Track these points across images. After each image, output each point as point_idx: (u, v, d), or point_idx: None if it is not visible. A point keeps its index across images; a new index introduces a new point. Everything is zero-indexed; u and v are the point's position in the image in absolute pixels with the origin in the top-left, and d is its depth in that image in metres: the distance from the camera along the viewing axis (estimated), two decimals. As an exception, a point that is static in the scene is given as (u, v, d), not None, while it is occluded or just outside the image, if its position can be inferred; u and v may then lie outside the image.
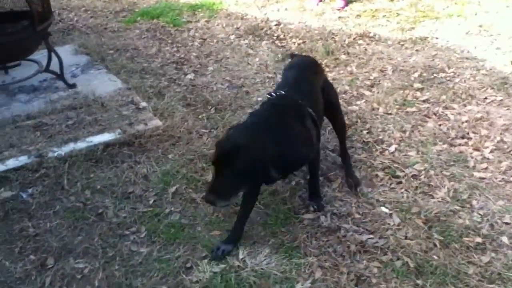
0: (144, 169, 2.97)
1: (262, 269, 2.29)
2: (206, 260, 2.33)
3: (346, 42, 4.91)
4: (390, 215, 2.64)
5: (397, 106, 3.68)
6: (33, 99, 3.70)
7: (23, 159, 2.98)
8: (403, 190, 2.83)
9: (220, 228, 2.54)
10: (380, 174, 2.97)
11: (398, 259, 2.36)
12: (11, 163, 2.95)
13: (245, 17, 5.76)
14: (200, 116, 3.60)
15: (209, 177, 2.94)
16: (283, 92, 2.51)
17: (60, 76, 3.84)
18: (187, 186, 2.85)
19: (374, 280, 2.25)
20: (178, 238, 2.47)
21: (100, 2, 6.46)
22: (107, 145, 3.16)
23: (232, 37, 5.17)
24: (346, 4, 5.91)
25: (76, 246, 2.41)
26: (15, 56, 3.75)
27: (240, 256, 2.35)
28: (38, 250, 2.39)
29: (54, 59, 3.80)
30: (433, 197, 2.76)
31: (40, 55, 3.99)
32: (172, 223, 2.56)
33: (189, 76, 4.25)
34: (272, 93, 2.55)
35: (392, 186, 2.87)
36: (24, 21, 3.71)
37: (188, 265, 2.31)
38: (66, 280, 2.22)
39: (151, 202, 2.71)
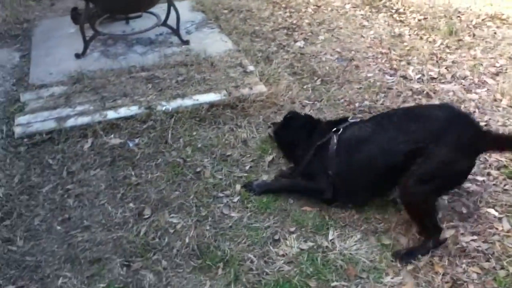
0: (244, 134, 2.98)
1: (350, 253, 2.21)
2: (294, 235, 2.30)
3: (473, 22, 4.47)
4: (500, 219, 2.40)
5: (524, 100, 3.30)
6: (148, 52, 3.86)
7: (134, 109, 3.13)
8: (518, 194, 2.55)
9: (312, 205, 2.48)
10: (494, 172, 2.70)
11: (502, 268, 2.15)
12: (123, 111, 3.11)
13: (364, -14, 5.46)
14: (305, 87, 3.52)
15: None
16: None
17: (176, 31, 3.95)
18: (283, 157, 2.81)
19: (471, 287, 2.08)
20: (269, 208, 2.46)
21: (219, -39, 6.49)
22: (211, 105, 3.21)
23: (347, 6, 4.94)
24: (480, -21, 5.35)
25: (172, 201, 2.50)
26: (139, 6, 3.91)
27: (330, 237, 2.29)
28: (137, 199, 2.52)
29: (172, 14, 3.91)
30: (553, 207, 2.46)
31: (159, 9, 4.12)
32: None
33: (298, 44, 4.15)
34: None
35: (506, 187, 2.60)
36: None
37: (276, 237, 2.30)
38: (159, 232, 2.32)
39: (247, 167, 2.73)
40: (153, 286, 2.08)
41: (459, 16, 4.61)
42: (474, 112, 3.20)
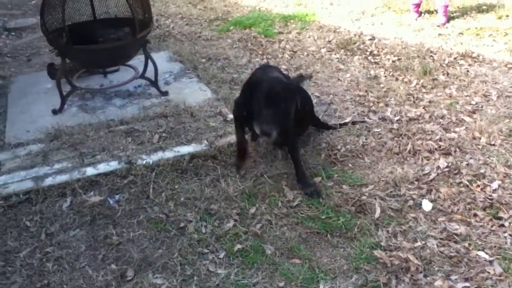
0: (227, 186, 2.93)
1: (342, 307, 2.14)
2: (284, 291, 2.23)
3: (446, 61, 4.60)
4: (491, 262, 2.37)
5: (502, 137, 3.35)
6: (127, 105, 3.83)
7: (113, 164, 3.07)
8: (506, 234, 2.54)
9: (301, 257, 2.42)
10: (480, 213, 2.69)
11: (498, 315, 2.11)
12: (102, 167, 3.05)
13: (337, 30, 5.62)
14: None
15: (291, 196, 2.86)
16: None
17: (154, 83, 3.95)
18: (268, 207, 2.77)
19: (468, 335, 2.02)
20: (257, 263, 2.39)
21: (196, 10, 6.64)
22: (193, 156, 3.17)
23: (323, 50, 5.05)
24: (448, 21, 5.56)
25: (156, 260, 2.41)
26: (115, 61, 3.92)
27: (320, 290, 2.23)
28: (119, 259, 2.43)
29: (150, 65, 3.92)
30: (542, 246, 2.44)
31: (137, 60, 4.14)
32: (251, 246, 2.49)
33: (277, 90, 4.18)
34: None
35: (494, 228, 2.59)
36: (126, 27, 3.87)
37: (265, 294, 2.22)
38: (144, 295, 2.22)
39: (231, 221, 2.66)
40: None
41: (431, 56, 4.74)
42: (455, 151, 3.23)
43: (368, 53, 4.94)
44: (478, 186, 2.90)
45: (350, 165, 3.18)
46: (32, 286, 2.29)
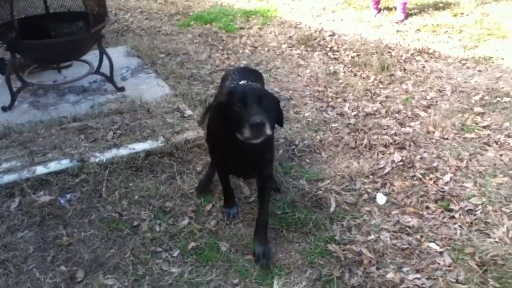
0: (182, 183, 2.88)
1: (296, 303, 2.15)
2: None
3: (403, 57, 4.69)
4: (441, 253, 2.43)
5: (454, 131, 3.43)
6: (81, 101, 3.72)
7: (65, 163, 2.98)
8: (456, 226, 2.61)
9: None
10: (432, 206, 2.75)
11: (446, 304, 2.15)
12: (53, 166, 2.95)
13: (298, 26, 5.63)
14: (244, 129, 3.49)
15: (247, 192, 2.84)
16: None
17: (110, 78, 3.85)
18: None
19: (417, 327, 2.06)
20: (211, 260, 2.36)
21: (156, 4, 6.52)
22: (148, 153, 3.11)
23: (284, 46, 5.05)
24: (406, 17, 5.66)
25: (107, 260, 2.35)
26: (68, 56, 3.80)
27: (275, 287, 2.22)
28: (69, 260, 2.35)
29: (106, 61, 3.82)
30: (489, 237, 2.52)
31: (93, 55, 4.02)
32: (206, 243, 2.46)
33: (237, 85, 4.16)
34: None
35: (445, 220, 2.65)
36: (80, 22, 3.75)
37: (217, 293, 2.20)
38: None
39: (186, 218, 2.62)
40: None
41: (389, 52, 4.81)
42: (410, 145, 3.29)
43: (328, 49, 4.97)
44: (431, 179, 2.96)
45: (308, 160, 3.19)
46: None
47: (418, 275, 2.30)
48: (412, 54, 4.76)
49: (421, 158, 3.17)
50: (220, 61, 4.65)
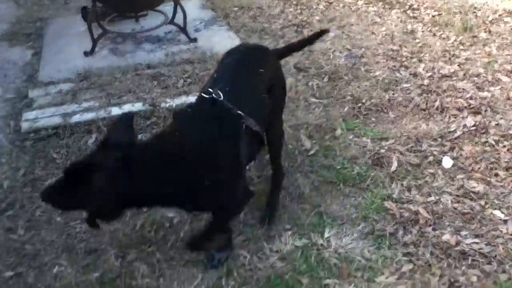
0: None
1: (346, 252, 2.18)
2: (290, 232, 2.28)
3: (490, 18, 4.36)
4: (505, 221, 2.32)
5: (538, 99, 3.19)
6: (156, 50, 3.88)
7: (138, 106, 3.16)
8: (526, 196, 2.47)
9: (310, 203, 2.45)
10: (502, 173, 2.61)
11: (503, 271, 2.08)
12: (127, 108, 3.14)
13: (378, -18, 5.38)
14: (310, 84, 3.48)
15: (308, 145, 2.86)
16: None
17: (183, 29, 3.96)
18: (284, 154, 2.78)
19: (469, 289, 2.02)
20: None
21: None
22: (215, 102, 3.20)
23: (360, 2, 4.88)
24: (498, -25, 5.21)
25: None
26: (146, 5, 3.95)
27: (326, 235, 2.26)
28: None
29: (180, 12, 3.92)
30: (560, 210, 2.36)
31: (169, 7, 4.14)
32: (263, 189, 2.53)
33: (307, 41, 4.11)
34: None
35: (514, 189, 2.52)
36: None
37: (271, 233, 2.28)
38: (155, 226, 2.33)
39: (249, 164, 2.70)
40: (146, 277, 2.09)
41: (474, 12, 4.49)
42: (486, 111, 3.11)
43: (407, 6, 4.74)
44: (505, 146, 2.80)
45: (373, 119, 3.13)
46: (54, 211, 2.43)
47: (477, 240, 2.23)
48: (500, 15, 4.41)
49: (497, 124, 2.99)
50: (293, 16, 4.60)
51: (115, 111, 3.11)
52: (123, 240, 2.26)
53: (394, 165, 2.70)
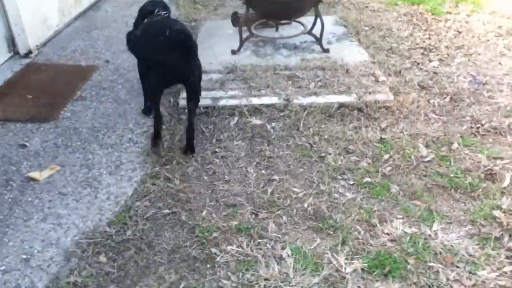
0: (367, 134, 3.30)
1: (451, 245, 2.41)
2: (401, 220, 2.57)
3: None
4: None
5: None
6: (292, 55, 4.37)
7: (274, 99, 3.64)
8: None
9: (422, 200, 2.72)
10: None
11: None
12: (265, 99, 3.64)
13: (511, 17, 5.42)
14: (432, 101, 3.72)
15: (424, 152, 3.11)
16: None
17: (319, 40, 4.41)
18: (400, 157, 3.07)
19: None
20: (381, 195, 2.75)
21: (367, -17, 6.88)
22: (341, 105, 3.59)
23: (490, 34, 4.98)
24: None
25: (297, 175, 2.92)
26: (291, 14, 4.46)
27: (434, 228, 2.52)
28: (269, 168, 3.00)
29: (317, 25, 4.37)
30: None
31: (305, 20, 4.63)
32: (379, 182, 2.85)
33: (433, 63, 4.34)
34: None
35: None
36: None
37: (384, 218, 2.59)
38: (283, 195, 2.75)
39: (365, 160, 3.05)
40: (274, 232, 2.51)
41: None
42: None
43: (540, 43, 4.75)
44: None
45: (491, 140, 3.30)
46: (203, 171, 2.98)
47: None
48: None
49: None
50: (421, 39, 4.84)
51: (255, 100, 3.63)
52: (257, 201, 2.71)
53: (507, 181, 2.86)
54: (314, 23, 4.41)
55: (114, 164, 3.03)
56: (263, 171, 2.97)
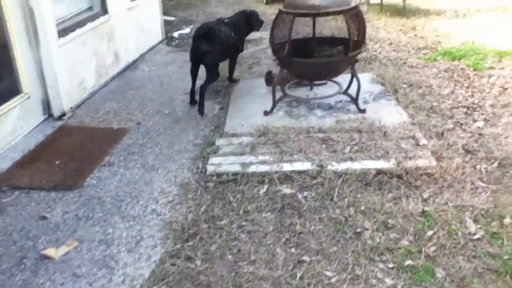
0: (408, 205, 3.03)
1: None
2: (448, 314, 2.27)
3: None
4: None
5: None
6: (327, 116, 4.21)
7: (307, 165, 3.45)
8: None
9: (472, 287, 2.42)
10: None
11: None
12: (297, 165, 3.46)
13: (562, 72, 5.11)
14: (478, 167, 3.43)
15: (473, 229, 2.81)
16: None
17: (355, 100, 4.24)
18: (445, 234, 2.79)
19: None
20: (425, 282, 2.46)
21: (406, 37, 6.75)
22: (379, 172, 3.36)
23: (540, 91, 4.67)
24: None
25: (330, 255, 2.67)
26: (326, 75, 4.36)
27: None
28: (299, 246, 2.77)
29: (353, 84, 4.22)
30: None
31: (341, 78, 4.50)
32: (422, 266, 2.56)
33: (477, 124, 4.07)
34: None
35: None
36: (340, 46, 4.26)
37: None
38: (314, 280, 2.50)
39: (406, 238, 2.77)
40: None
41: None
42: None
43: None
44: None
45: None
46: (227, 248, 2.78)
47: None
48: None
49: None
50: (463, 97, 4.59)
51: (286, 167, 3.45)
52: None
53: None
54: (350, 83, 4.26)
55: (135, 240, 2.88)
56: (292, 250, 2.74)
